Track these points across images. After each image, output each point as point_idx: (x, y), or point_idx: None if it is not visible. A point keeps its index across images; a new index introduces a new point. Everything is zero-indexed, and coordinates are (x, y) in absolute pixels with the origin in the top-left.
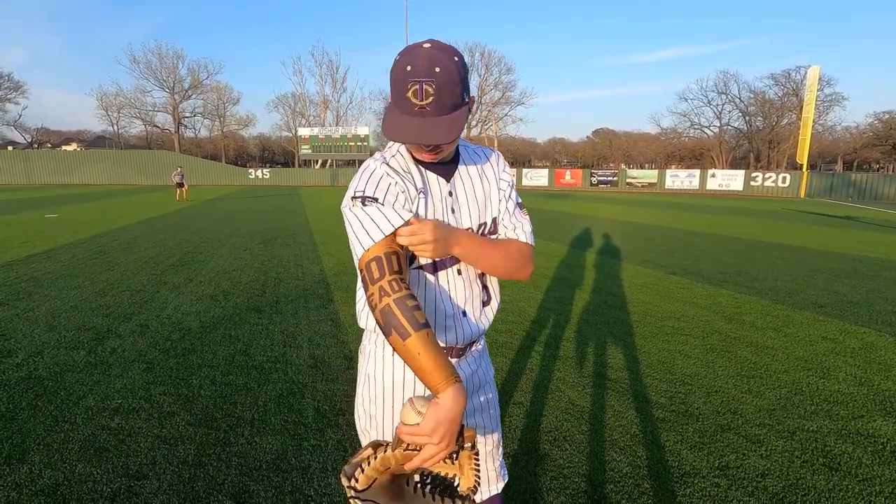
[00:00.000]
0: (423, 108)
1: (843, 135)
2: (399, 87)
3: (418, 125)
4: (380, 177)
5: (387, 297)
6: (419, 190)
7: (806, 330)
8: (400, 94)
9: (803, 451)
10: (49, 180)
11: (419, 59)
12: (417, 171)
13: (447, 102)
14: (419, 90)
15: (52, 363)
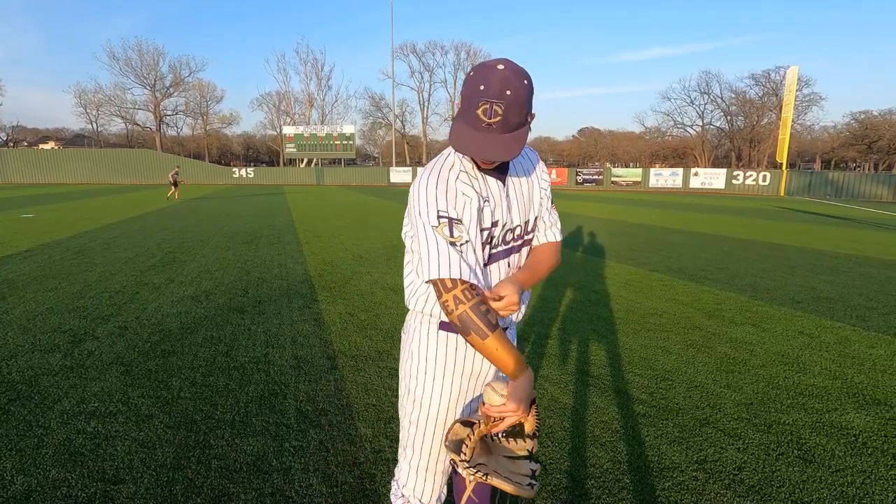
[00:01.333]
0: (489, 126)
1: (821, 134)
2: (470, 103)
3: (484, 140)
4: (456, 192)
5: (462, 305)
6: (484, 199)
7: (783, 325)
8: (470, 110)
9: (779, 444)
10: (25, 179)
11: (492, 80)
12: (483, 178)
13: (513, 122)
14: (489, 110)
15: (25, 367)
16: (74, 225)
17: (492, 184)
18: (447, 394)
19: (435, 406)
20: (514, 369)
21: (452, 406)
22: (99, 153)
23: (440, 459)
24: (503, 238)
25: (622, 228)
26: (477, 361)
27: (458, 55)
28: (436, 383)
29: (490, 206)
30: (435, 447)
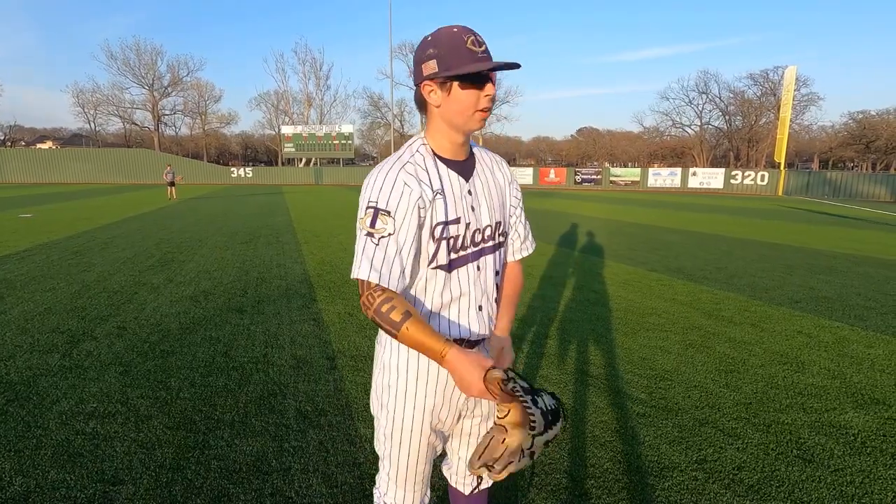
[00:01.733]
0: (484, 54)
1: (819, 134)
2: (454, 44)
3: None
4: (393, 182)
5: (369, 311)
6: (436, 191)
7: (782, 325)
8: (458, 49)
9: (778, 444)
10: (23, 179)
11: (455, 27)
12: (436, 170)
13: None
14: (475, 40)
15: (24, 367)
16: (72, 225)
17: (452, 178)
18: (421, 407)
19: (409, 420)
20: (434, 353)
21: (427, 419)
22: (97, 153)
23: (419, 470)
24: (472, 239)
25: (621, 228)
26: (450, 381)
27: None
28: (408, 396)
29: (445, 199)
30: (412, 459)
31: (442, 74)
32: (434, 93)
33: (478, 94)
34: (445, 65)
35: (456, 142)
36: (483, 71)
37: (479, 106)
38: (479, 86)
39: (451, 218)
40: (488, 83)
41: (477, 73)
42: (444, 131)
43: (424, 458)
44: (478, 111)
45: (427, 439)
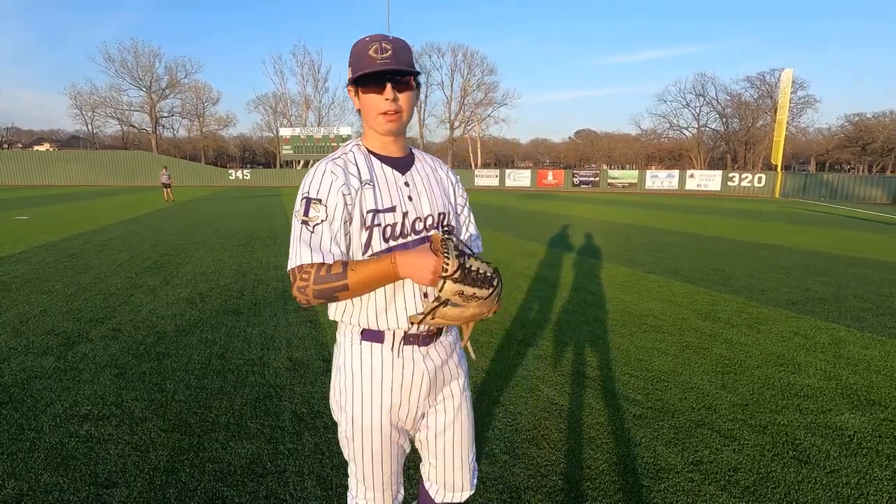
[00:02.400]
0: (384, 61)
1: (815, 136)
2: (360, 57)
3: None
4: (323, 174)
5: (307, 290)
6: (364, 182)
7: (779, 326)
8: (362, 56)
9: (774, 445)
10: (19, 181)
11: (370, 36)
12: (367, 165)
13: (403, 59)
14: (378, 47)
15: (18, 370)
16: (69, 227)
17: (385, 170)
18: (378, 406)
19: (368, 420)
20: (384, 271)
21: (386, 418)
22: (94, 155)
23: (385, 470)
24: (412, 227)
25: (618, 230)
26: (406, 374)
27: (455, 57)
28: (365, 397)
29: (374, 188)
30: (377, 459)
31: (349, 80)
32: (354, 97)
33: (378, 97)
34: (353, 71)
35: (383, 140)
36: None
37: (380, 109)
38: (379, 90)
39: (384, 206)
40: (387, 87)
41: (376, 79)
42: (369, 132)
43: (389, 457)
44: (380, 114)
45: (389, 438)
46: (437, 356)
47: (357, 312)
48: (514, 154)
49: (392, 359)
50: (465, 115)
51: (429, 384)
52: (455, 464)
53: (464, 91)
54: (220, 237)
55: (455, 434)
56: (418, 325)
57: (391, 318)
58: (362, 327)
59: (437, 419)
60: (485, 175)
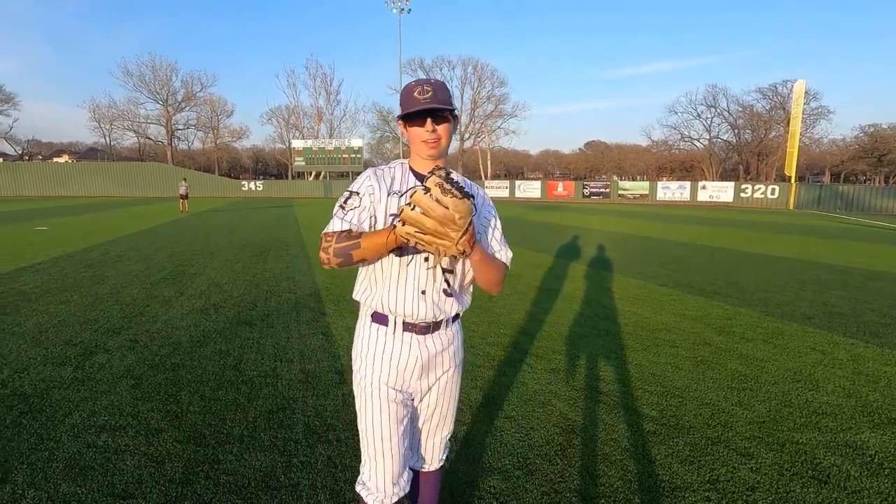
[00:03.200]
0: (426, 100)
1: (829, 147)
2: (407, 93)
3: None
4: (366, 177)
5: (331, 247)
6: (392, 191)
7: (795, 341)
8: (408, 97)
9: (793, 464)
10: (39, 192)
11: (415, 81)
12: (403, 179)
13: (441, 98)
14: (422, 90)
15: (37, 380)
16: (86, 238)
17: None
18: (378, 371)
19: (369, 382)
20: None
21: (384, 386)
22: (111, 167)
23: (386, 443)
24: None
25: (630, 242)
26: (403, 355)
27: (465, 70)
28: (369, 368)
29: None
30: (377, 424)
31: (398, 116)
32: (401, 128)
33: (421, 129)
34: (402, 109)
35: (426, 163)
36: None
37: (422, 138)
38: (422, 123)
39: None
40: (427, 121)
41: (420, 115)
42: (415, 156)
43: (390, 427)
44: (423, 142)
45: (391, 404)
46: (432, 345)
47: (371, 296)
48: (524, 165)
49: (392, 340)
50: (476, 127)
51: (421, 368)
52: (435, 438)
53: (474, 103)
54: (234, 248)
55: (437, 417)
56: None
57: (394, 304)
58: (374, 310)
59: (430, 400)
60: (495, 186)
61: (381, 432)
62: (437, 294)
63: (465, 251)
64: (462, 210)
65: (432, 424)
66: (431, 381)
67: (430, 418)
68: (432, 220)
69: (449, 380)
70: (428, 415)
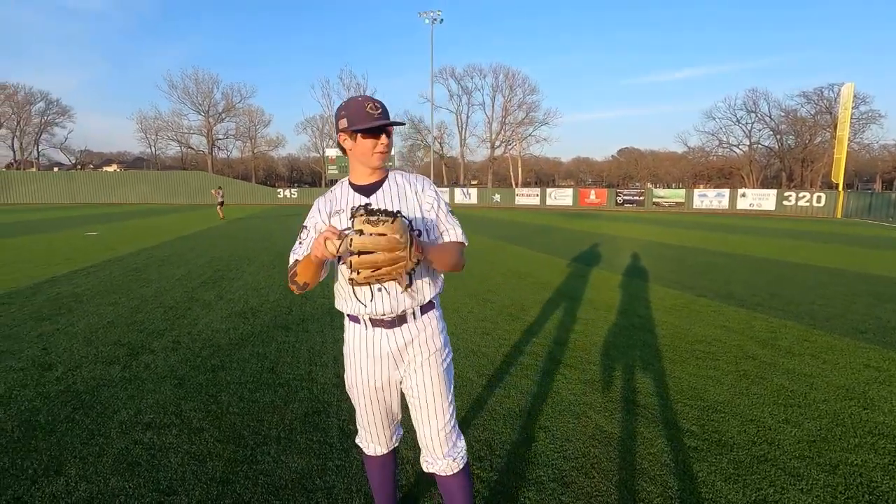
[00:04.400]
0: (378, 116)
1: (881, 153)
2: (356, 113)
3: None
4: (313, 211)
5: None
6: (337, 210)
7: (846, 357)
8: (358, 115)
9: (847, 487)
10: (91, 199)
11: (360, 97)
12: (346, 195)
13: (388, 114)
14: (373, 105)
15: (89, 377)
16: (133, 243)
17: (353, 197)
18: (358, 368)
19: (353, 377)
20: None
21: (363, 376)
22: (156, 175)
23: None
24: None
25: (665, 251)
26: (374, 347)
27: (497, 78)
28: (351, 361)
29: (339, 216)
30: (363, 405)
31: (349, 129)
32: (346, 141)
33: (375, 141)
34: (354, 123)
35: (364, 172)
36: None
37: (376, 150)
38: (376, 137)
39: (343, 227)
40: (382, 135)
41: (375, 129)
42: (355, 166)
43: (374, 407)
44: (376, 153)
45: (371, 391)
46: (401, 337)
47: (342, 303)
48: (556, 173)
49: (365, 335)
50: (506, 135)
51: (393, 358)
52: (430, 429)
53: (505, 111)
54: (270, 254)
55: (424, 406)
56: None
57: (352, 307)
58: (347, 312)
59: (412, 387)
60: (525, 194)
61: (364, 417)
62: (396, 288)
63: (420, 258)
64: (398, 228)
65: (422, 414)
66: (408, 369)
67: (420, 408)
68: (381, 252)
69: (427, 367)
70: (414, 405)
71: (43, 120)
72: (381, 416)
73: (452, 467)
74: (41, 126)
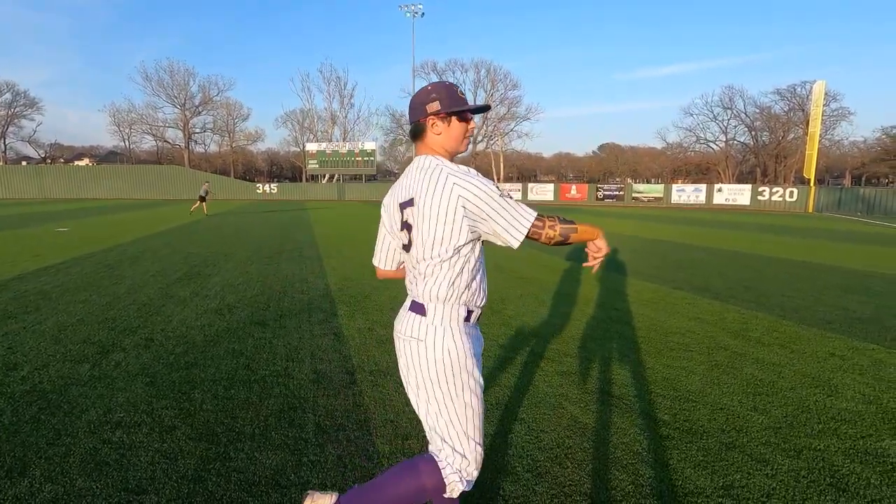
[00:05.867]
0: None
1: (850, 149)
2: (451, 92)
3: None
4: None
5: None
6: None
7: (813, 346)
8: (453, 95)
9: (810, 471)
10: (61, 195)
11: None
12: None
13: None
14: (461, 91)
15: (56, 376)
16: (106, 239)
17: None
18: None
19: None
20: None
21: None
22: (130, 170)
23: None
24: None
25: (644, 245)
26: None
27: (479, 73)
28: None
29: None
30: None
31: (444, 111)
32: (435, 125)
33: (466, 126)
34: (446, 105)
35: (452, 159)
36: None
37: (466, 134)
38: (467, 123)
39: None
40: (472, 120)
41: (465, 112)
42: (444, 152)
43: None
44: (465, 138)
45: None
46: (481, 335)
47: (466, 295)
48: (537, 168)
49: (475, 331)
50: (488, 130)
51: (480, 353)
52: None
53: None
54: (248, 250)
55: None
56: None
57: (480, 298)
58: (468, 307)
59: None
60: (507, 189)
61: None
62: None
63: None
64: None
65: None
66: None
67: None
68: None
69: None
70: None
71: (10, 112)
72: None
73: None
74: (8, 118)
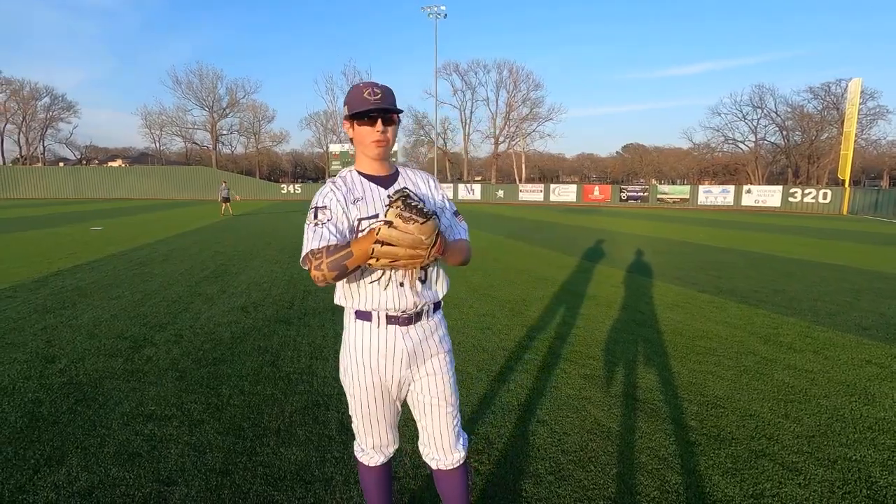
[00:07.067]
0: (376, 101)
1: (888, 149)
2: (357, 94)
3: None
4: (328, 191)
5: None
6: (357, 198)
7: (848, 353)
8: (358, 97)
9: (845, 482)
10: (96, 194)
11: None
12: (360, 184)
13: (390, 101)
14: (371, 91)
15: (91, 370)
16: (137, 237)
17: (371, 187)
18: (368, 370)
19: (361, 381)
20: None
21: (373, 379)
22: (160, 170)
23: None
24: None
25: (669, 247)
26: (388, 347)
27: (501, 73)
28: (359, 364)
29: (362, 202)
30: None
31: (346, 115)
32: (349, 129)
33: (370, 129)
34: (351, 109)
35: (371, 163)
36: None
37: (372, 138)
38: (371, 124)
39: (369, 214)
40: (377, 122)
41: (368, 114)
42: (360, 156)
43: (377, 411)
44: (372, 142)
45: (378, 395)
46: (416, 335)
47: (350, 298)
48: (560, 169)
49: (377, 334)
50: (510, 131)
51: (408, 357)
52: (441, 425)
53: (509, 107)
54: (273, 250)
55: (438, 403)
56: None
57: (376, 300)
58: (357, 309)
59: (423, 386)
60: (529, 190)
61: (367, 422)
62: (418, 285)
63: (437, 258)
64: (427, 231)
65: (435, 412)
66: (420, 368)
67: (432, 405)
68: (403, 249)
69: (440, 363)
70: (427, 402)
71: (48, 115)
72: (388, 419)
73: (459, 459)
74: (46, 121)
